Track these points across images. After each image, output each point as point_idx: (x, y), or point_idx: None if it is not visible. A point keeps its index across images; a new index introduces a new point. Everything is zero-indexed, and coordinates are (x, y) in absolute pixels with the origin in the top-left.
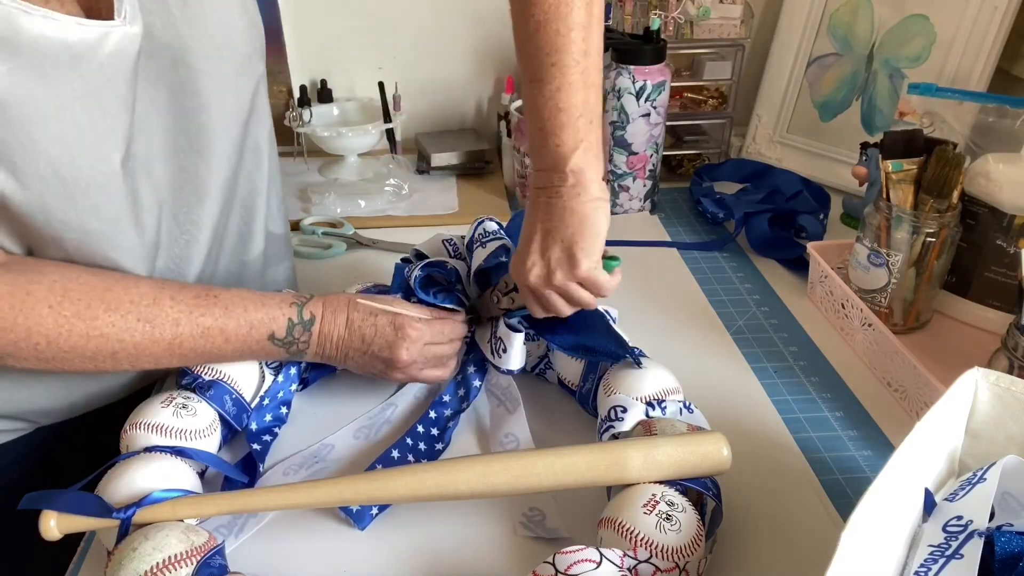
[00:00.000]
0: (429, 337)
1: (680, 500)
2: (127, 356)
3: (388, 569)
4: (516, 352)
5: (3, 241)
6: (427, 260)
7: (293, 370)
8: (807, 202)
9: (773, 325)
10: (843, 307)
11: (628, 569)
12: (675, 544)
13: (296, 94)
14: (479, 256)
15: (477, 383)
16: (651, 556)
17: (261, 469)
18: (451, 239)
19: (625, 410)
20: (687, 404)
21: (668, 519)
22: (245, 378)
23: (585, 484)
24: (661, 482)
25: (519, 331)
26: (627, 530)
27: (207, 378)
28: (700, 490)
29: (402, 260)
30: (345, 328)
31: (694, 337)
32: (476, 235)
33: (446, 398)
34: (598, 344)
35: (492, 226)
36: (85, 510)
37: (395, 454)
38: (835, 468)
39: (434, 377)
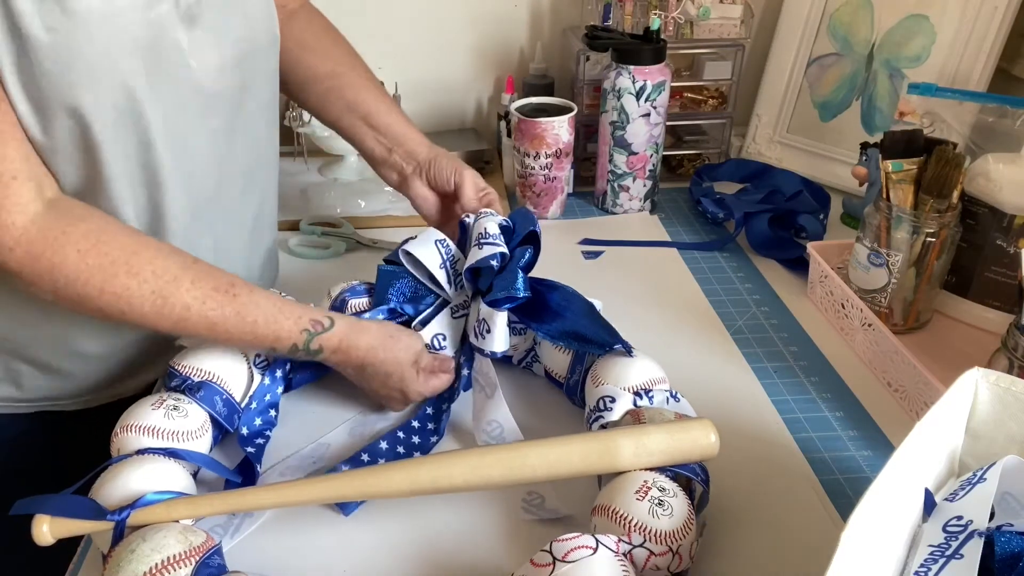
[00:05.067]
0: (428, 395)
1: (671, 486)
2: (134, 319)
3: (386, 562)
4: (499, 332)
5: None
6: (399, 271)
7: (279, 372)
8: (807, 202)
9: (773, 325)
10: (843, 307)
11: (623, 554)
12: (668, 528)
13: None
14: (473, 255)
15: (466, 372)
16: (645, 541)
17: (260, 470)
18: (443, 240)
19: (614, 400)
20: (673, 393)
21: (660, 504)
22: (235, 379)
23: (578, 473)
24: (652, 469)
25: (502, 310)
26: (621, 516)
27: (196, 379)
28: (689, 476)
29: (385, 261)
30: (357, 369)
31: (694, 337)
32: (476, 234)
33: (444, 393)
34: (588, 332)
35: (494, 229)
36: (79, 513)
37: (383, 445)
38: (835, 468)
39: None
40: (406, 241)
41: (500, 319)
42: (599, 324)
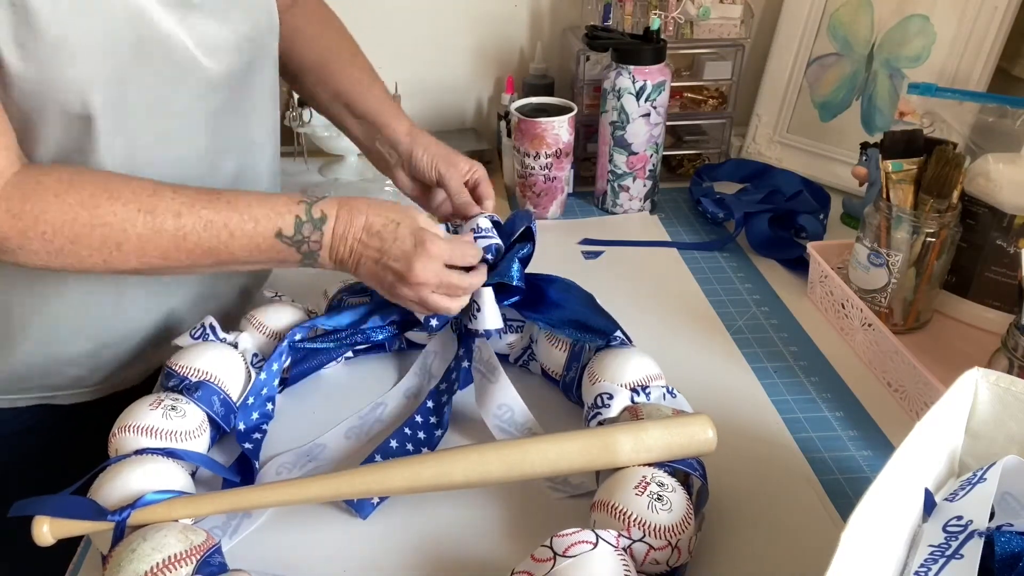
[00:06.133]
0: (448, 257)
1: (669, 481)
2: (133, 248)
3: (389, 557)
4: (489, 309)
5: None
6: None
7: (275, 366)
8: (807, 202)
9: (773, 325)
10: (843, 307)
11: (623, 549)
12: (667, 523)
13: (296, 94)
14: None
15: (466, 364)
16: (644, 535)
17: (257, 466)
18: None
19: (611, 397)
20: (670, 389)
21: (659, 499)
22: (232, 378)
23: (578, 469)
24: (650, 464)
25: (488, 286)
26: (620, 511)
27: (194, 379)
28: (687, 471)
29: None
30: (363, 230)
31: (694, 337)
32: (468, 230)
33: (443, 386)
34: (590, 320)
35: (486, 223)
36: (79, 514)
37: (393, 444)
38: (835, 468)
39: (442, 307)
40: None
41: (487, 295)
42: (599, 313)
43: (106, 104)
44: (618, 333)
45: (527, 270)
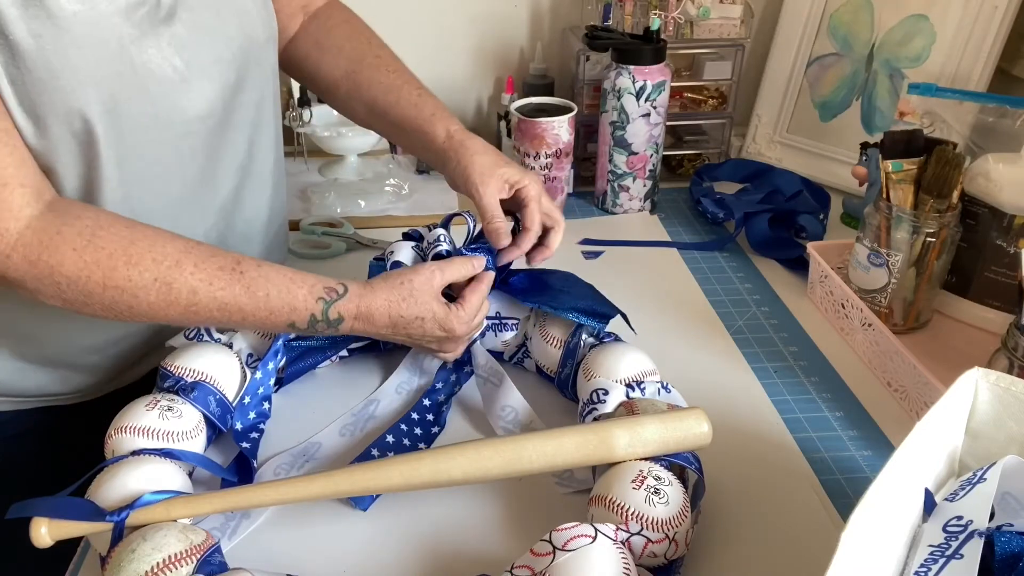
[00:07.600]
0: (475, 322)
1: (666, 474)
2: (143, 312)
3: (389, 554)
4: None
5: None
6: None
7: (271, 364)
8: (807, 202)
9: (773, 325)
10: (843, 307)
11: (621, 542)
12: (664, 516)
13: (296, 94)
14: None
15: (467, 368)
16: (642, 528)
17: (256, 465)
18: (417, 245)
19: (607, 392)
20: (665, 384)
21: (656, 493)
22: (227, 378)
23: (575, 464)
24: (646, 458)
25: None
26: (618, 505)
27: (189, 380)
28: (683, 464)
29: (375, 260)
30: (388, 328)
31: (694, 337)
32: (426, 243)
33: (439, 385)
34: (593, 305)
35: (437, 233)
36: (77, 515)
37: (390, 439)
38: (835, 468)
39: (459, 354)
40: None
41: None
42: (602, 299)
43: (99, 131)
44: (611, 328)
45: (523, 267)
